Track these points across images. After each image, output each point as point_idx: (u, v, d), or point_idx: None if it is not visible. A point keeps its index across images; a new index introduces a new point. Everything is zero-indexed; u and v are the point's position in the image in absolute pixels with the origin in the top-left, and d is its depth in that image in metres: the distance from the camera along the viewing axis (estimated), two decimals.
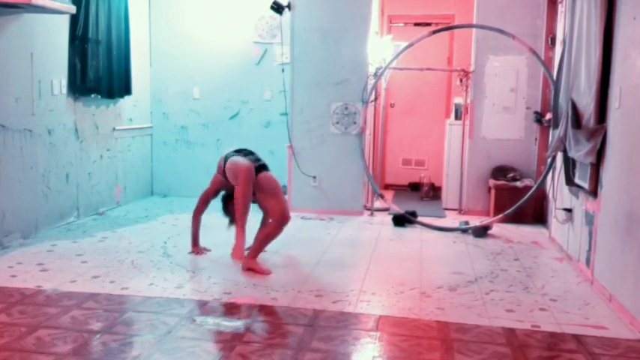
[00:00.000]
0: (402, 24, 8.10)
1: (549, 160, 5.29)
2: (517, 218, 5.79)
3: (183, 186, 6.94)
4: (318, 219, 5.95)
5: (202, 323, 3.15)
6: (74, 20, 5.28)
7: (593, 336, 3.10)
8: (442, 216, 6.28)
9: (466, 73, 6.23)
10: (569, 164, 4.50)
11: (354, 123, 6.12)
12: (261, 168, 4.18)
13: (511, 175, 6.01)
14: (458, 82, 6.44)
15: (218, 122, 6.91)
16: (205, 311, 3.35)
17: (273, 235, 4.17)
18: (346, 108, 6.12)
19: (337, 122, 6.14)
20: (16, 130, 4.69)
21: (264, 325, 3.19)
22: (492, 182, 6.05)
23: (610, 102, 3.73)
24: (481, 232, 5.35)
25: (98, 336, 2.94)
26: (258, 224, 4.41)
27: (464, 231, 5.48)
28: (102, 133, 5.94)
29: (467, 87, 6.26)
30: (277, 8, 5.99)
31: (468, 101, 6.31)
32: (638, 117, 3.28)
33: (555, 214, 4.99)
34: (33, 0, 4.10)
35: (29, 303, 3.38)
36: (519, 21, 5.94)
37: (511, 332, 3.11)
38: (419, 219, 5.79)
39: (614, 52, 3.68)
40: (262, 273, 4.03)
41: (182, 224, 5.42)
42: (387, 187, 8.10)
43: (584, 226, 4.20)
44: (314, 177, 6.21)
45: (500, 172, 6.10)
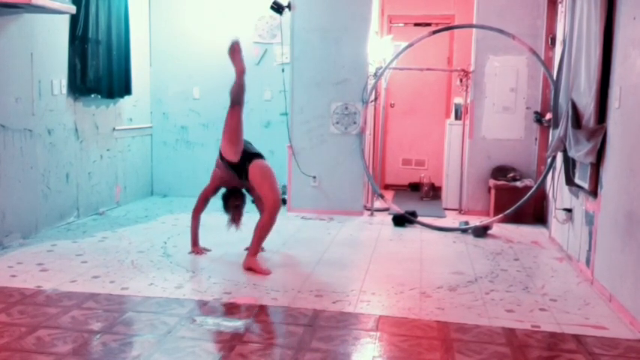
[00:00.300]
0: (402, 24, 8.10)
1: (549, 160, 5.29)
2: (517, 218, 5.80)
3: (183, 186, 6.93)
4: (318, 219, 5.95)
5: (202, 323, 3.15)
6: (74, 20, 5.28)
7: (593, 336, 3.10)
8: (442, 216, 6.28)
9: (466, 73, 6.23)
10: (569, 164, 4.50)
11: (354, 123, 6.12)
12: (256, 156, 4.28)
13: (511, 175, 6.01)
14: (458, 82, 6.44)
15: (218, 122, 6.85)
16: (205, 311, 3.35)
17: (269, 227, 4.15)
18: (346, 108, 6.12)
19: (337, 122, 6.14)
20: (16, 130, 4.69)
21: (264, 325, 3.19)
22: (492, 182, 6.05)
23: (610, 102, 3.73)
24: (481, 232, 5.35)
25: (98, 336, 2.94)
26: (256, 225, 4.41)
27: (464, 231, 5.48)
28: (102, 133, 5.94)
29: (467, 87, 6.26)
30: (277, 8, 6.00)
31: (468, 101, 6.31)
32: (638, 117, 3.28)
33: (555, 214, 4.99)
34: (33, 0, 4.11)
35: (29, 303, 3.38)
36: (519, 21, 5.94)
37: (511, 332, 3.11)
38: (419, 219, 5.79)
39: (614, 52, 3.68)
40: (262, 273, 4.04)
41: (182, 224, 5.42)
42: (387, 187, 8.10)
43: (584, 226, 4.20)
44: (314, 177, 6.21)
45: (500, 172, 6.10)
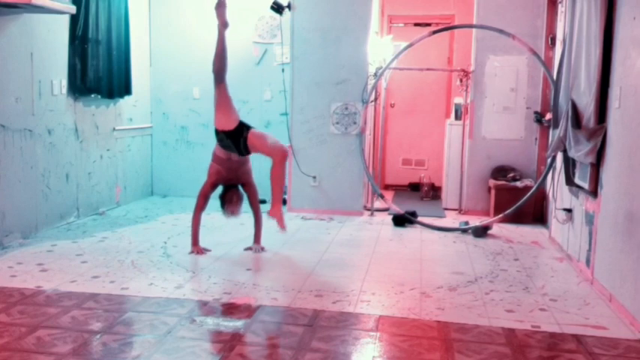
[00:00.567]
0: (402, 24, 8.10)
1: (549, 160, 5.29)
2: (517, 218, 5.80)
3: (183, 186, 6.93)
4: (318, 219, 5.95)
5: (202, 323, 3.15)
6: (74, 20, 5.27)
7: (593, 336, 3.10)
8: (442, 216, 6.28)
9: (466, 73, 6.23)
10: (569, 164, 4.50)
11: (354, 123, 6.12)
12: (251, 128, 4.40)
13: (511, 175, 6.01)
14: (458, 82, 6.44)
15: None
16: (205, 311, 3.35)
17: (283, 175, 4.36)
18: (346, 108, 6.12)
19: (337, 122, 6.14)
20: (16, 130, 4.69)
21: (264, 325, 3.19)
22: (492, 182, 6.05)
23: (610, 102, 3.73)
24: (481, 232, 5.35)
25: (98, 336, 2.94)
26: (254, 225, 4.41)
27: (464, 231, 5.48)
28: (102, 133, 5.94)
29: (467, 87, 6.26)
30: (277, 8, 6.00)
31: (468, 101, 6.30)
32: (638, 117, 3.28)
33: (555, 214, 4.99)
34: (33, 0, 4.11)
35: (29, 303, 3.38)
36: (519, 21, 5.94)
37: (511, 332, 3.11)
38: (419, 219, 5.79)
39: (614, 52, 3.68)
40: (282, 225, 4.27)
41: (182, 224, 5.41)
42: (387, 187, 8.10)
43: (584, 226, 4.20)
44: (314, 177, 6.21)
45: (500, 172, 6.10)
